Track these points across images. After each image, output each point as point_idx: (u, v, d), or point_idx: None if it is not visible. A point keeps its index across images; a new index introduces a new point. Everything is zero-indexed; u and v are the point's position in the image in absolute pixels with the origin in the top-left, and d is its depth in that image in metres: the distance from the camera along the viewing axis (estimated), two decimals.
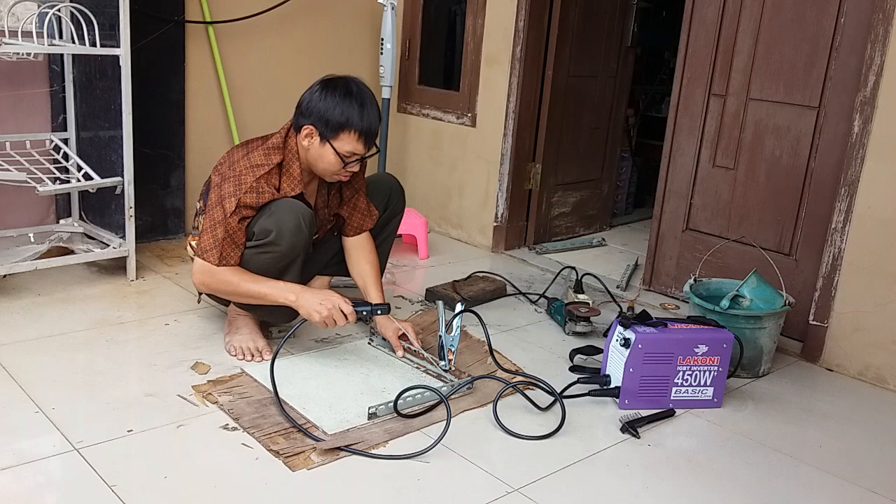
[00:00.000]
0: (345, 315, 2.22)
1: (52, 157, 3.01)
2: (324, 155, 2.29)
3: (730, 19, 2.94)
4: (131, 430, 1.93)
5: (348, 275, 2.60)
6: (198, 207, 2.44)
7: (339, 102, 2.24)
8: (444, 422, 2.01)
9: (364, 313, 2.28)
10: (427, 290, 3.04)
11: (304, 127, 2.28)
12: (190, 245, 2.47)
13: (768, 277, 2.66)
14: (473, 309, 2.56)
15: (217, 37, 3.41)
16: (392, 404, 2.10)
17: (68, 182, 2.92)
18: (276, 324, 2.54)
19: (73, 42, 2.78)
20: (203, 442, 1.92)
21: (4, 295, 2.69)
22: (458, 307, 2.45)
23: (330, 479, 1.81)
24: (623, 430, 2.14)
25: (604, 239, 4.07)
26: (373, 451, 1.92)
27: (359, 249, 2.56)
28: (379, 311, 2.32)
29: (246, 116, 3.58)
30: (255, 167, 2.24)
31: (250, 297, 2.26)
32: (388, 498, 1.76)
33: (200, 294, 2.47)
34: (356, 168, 2.36)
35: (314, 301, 2.21)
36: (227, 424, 1.99)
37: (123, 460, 1.81)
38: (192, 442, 1.92)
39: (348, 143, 2.27)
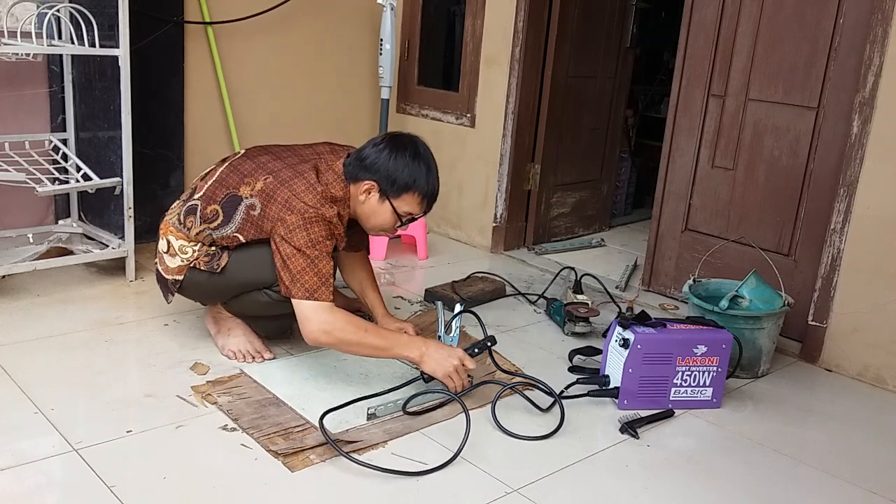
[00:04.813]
0: (464, 366, 2.18)
1: (51, 158, 3.01)
2: (380, 212, 2.26)
3: (729, 20, 2.94)
4: (130, 431, 1.93)
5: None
6: (200, 207, 2.29)
7: (409, 164, 2.22)
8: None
9: (476, 352, 2.27)
10: (426, 290, 3.04)
11: (366, 182, 2.23)
12: (166, 239, 2.34)
13: (767, 278, 2.66)
14: (472, 309, 2.56)
15: (216, 37, 3.40)
16: (392, 405, 2.11)
17: (67, 182, 2.92)
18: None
19: (73, 42, 2.78)
20: (202, 442, 1.92)
21: (4, 295, 2.69)
22: (458, 308, 2.44)
23: (329, 479, 1.81)
24: (622, 430, 2.14)
25: (603, 239, 4.06)
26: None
27: (353, 258, 2.58)
28: (489, 344, 2.33)
29: (245, 117, 3.57)
30: (321, 221, 2.14)
31: (371, 350, 2.15)
32: (388, 498, 1.76)
33: (171, 294, 2.36)
34: (406, 228, 2.32)
35: (440, 357, 2.16)
36: (227, 425, 1.99)
37: (122, 461, 1.81)
38: (191, 442, 1.92)
39: (409, 204, 2.25)
